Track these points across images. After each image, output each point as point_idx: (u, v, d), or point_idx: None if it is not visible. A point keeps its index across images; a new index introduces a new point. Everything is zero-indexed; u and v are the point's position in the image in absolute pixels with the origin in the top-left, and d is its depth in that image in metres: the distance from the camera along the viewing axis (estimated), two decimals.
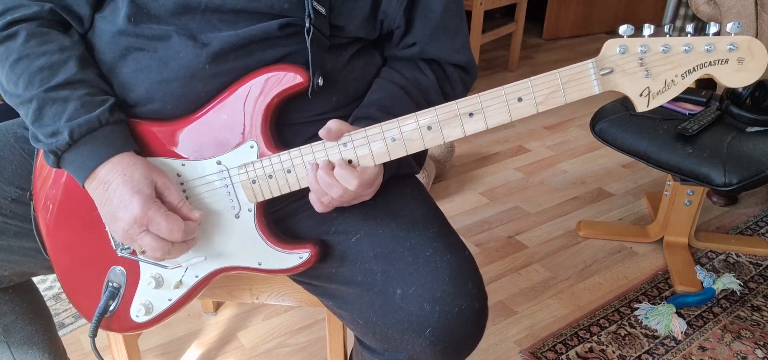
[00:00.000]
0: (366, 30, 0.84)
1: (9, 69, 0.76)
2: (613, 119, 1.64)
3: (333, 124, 0.75)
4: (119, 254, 0.83)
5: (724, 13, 1.91)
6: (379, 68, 0.90)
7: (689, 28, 0.69)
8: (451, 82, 0.90)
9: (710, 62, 0.69)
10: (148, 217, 0.73)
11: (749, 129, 1.52)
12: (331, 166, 0.76)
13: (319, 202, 0.78)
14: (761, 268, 1.72)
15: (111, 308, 0.84)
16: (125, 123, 0.79)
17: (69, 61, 0.77)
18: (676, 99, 1.66)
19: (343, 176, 0.75)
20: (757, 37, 1.86)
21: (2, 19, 0.77)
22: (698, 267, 1.68)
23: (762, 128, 1.51)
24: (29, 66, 0.75)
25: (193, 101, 0.79)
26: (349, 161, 0.76)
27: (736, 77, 0.69)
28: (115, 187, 0.74)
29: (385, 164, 0.79)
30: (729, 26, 0.68)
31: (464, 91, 0.92)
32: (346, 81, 0.84)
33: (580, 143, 2.48)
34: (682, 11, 2.35)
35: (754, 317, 1.53)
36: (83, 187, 0.77)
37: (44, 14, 0.79)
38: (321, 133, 0.74)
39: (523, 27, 3.21)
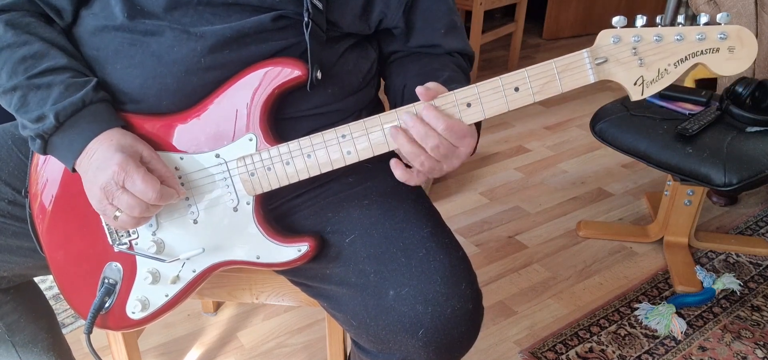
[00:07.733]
0: (359, 26, 0.85)
1: None
2: (613, 119, 1.64)
3: (431, 83, 0.72)
4: (116, 249, 0.82)
5: None
6: (373, 62, 0.91)
7: (680, 19, 0.70)
8: (463, 69, 0.93)
9: (702, 51, 0.70)
10: (125, 171, 0.71)
11: (749, 129, 1.52)
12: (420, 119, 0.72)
13: (407, 173, 0.74)
14: (761, 268, 1.72)
15: (107, 305, 0.84)
16: (109, 101, 0.78)
17: (51, 50, 0.77)
18: (676, 99, 1.67)
19: (432, 117, 0.71)
20: (757, 37, 1.86)
21: None
22: (698, 267, 1.68)
23: (762, 128, 1.51)
24: (11, 56, 0.75)
25: (189, 95, 0.78)
26: (348, 152, 0.76)
27: (727, 65, 0.70)
28: (99, 153, 0.74)
29: None
30: (719, 16, 0.69)
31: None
32: (341, 73, 0.84)
33: (580, 143, 2.48)
34: (681, 11, 2.35)
35: (754, 317, 1.53)
36: (72, 170, 0.77)
37: (22, 4, 0.78)
38: (419, 92, 0.72)
39: (523, 27, 3.21)
